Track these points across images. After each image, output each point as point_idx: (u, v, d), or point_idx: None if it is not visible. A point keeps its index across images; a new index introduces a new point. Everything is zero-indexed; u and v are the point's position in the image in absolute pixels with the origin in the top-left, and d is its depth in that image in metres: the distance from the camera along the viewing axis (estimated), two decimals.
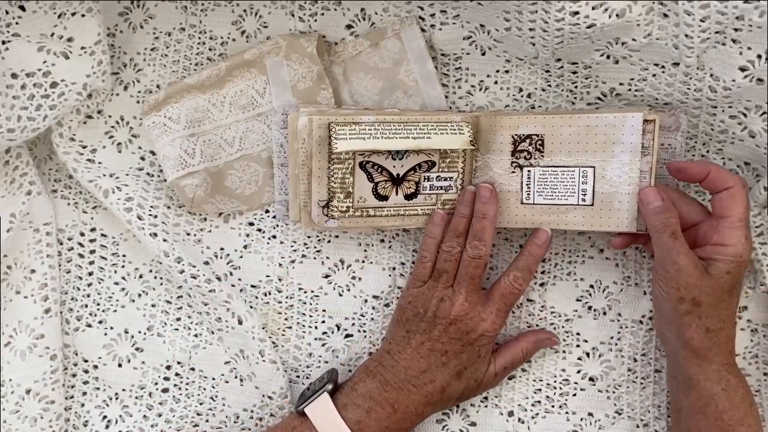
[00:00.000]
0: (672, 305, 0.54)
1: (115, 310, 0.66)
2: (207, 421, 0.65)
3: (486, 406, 0.64)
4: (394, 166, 0.60)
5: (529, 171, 0.60)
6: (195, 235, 0.66)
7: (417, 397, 0.58)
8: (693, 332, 0.54)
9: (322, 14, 0.64)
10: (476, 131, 0.61)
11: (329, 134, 0.59)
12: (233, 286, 0.66)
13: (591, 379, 0.64)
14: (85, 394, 0.66)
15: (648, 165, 0.57)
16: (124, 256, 0.66)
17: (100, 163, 0.66)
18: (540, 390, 0.64)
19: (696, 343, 0.54)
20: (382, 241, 0.65)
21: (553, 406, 0.64)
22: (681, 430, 0.57)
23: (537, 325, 0.64)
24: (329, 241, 0.65)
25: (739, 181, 0.55)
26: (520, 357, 0.61)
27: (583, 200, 0.59)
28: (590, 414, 0.64)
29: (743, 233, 0.54)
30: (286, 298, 0.66)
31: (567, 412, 0.64)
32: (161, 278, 0.66)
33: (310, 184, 0.60)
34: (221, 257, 0.66)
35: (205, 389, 0.65)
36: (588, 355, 0.64)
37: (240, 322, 0.62)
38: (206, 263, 0.66)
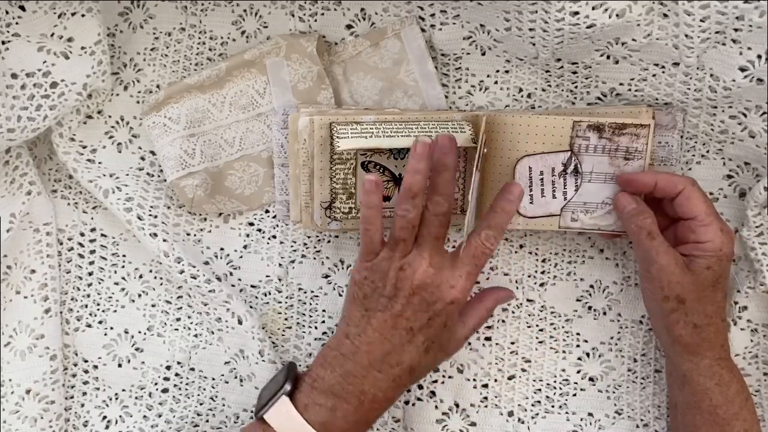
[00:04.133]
0: (658, 304, 0.55)
1: (115, 310, 0.66)
2: (207, 421, 0.65)
3: (486, 406, 0.64)
4: (396, 166, 0.60)
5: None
6: (195, 235, 0.66)
7: (384, 383, 0.52)
8: (681, 329, 0.54)
9: (322, 14, 0.64)
10: (477, 131, 0.61)
11: (331, 134, 0.59)
12: (233, 286, 0.66)
13: (591, 379, 0.64)
14: (85, 394, 0.66)
15: (641, 169, 0.58)
16: (124, 256, 0.66)
17: (100, 163, 0.66)
18: (540, 390, 0.64)
19: (685, 339, 0.55)
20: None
21: (553, 406, 0.64)
22: (678, 426, 0.57)
23: (537, 326, 0.64)
24: (329, 242, 0.65)
25: (688, 181, 0.55)
26: (485, 317, 0.58)
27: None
28: (590, 414, 0.64)
29: (717, 227, 0.54)
30: (286, 298, 0.66)
31: (567, 412, 0.64)
32: (161, 278, 0.66)
33: (312, 185, 0.60)
34: (221, 257, 0.66)
35: (205, 389, 0.65)
36: (588, 355, 0.64)
37: (240, 322, 0.62)
38: (206, 263, 0.66)
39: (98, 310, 0.66)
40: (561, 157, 0.59)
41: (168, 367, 0.66)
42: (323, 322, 0.65)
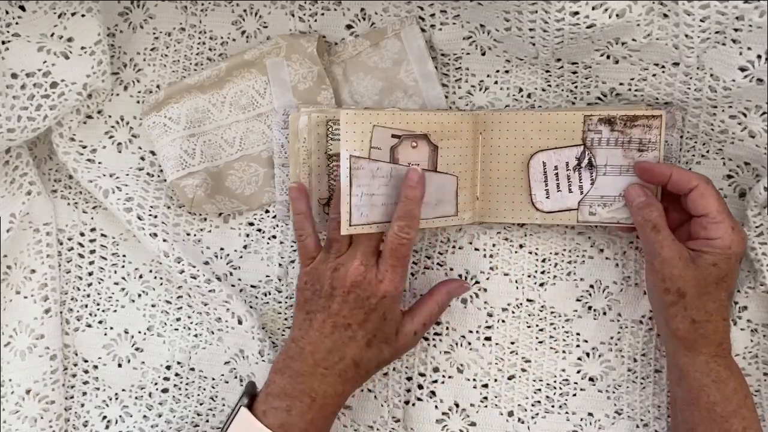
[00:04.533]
0: (659, 296, 0.55)
1: (115, 310, 0.66)
2: (207, 421, 0.65)
3: (486, 406, 0.64)
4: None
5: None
6: (195, 235, 0.66)
7: (331, 379, 0.55)
8: (679, 323, 0.55)
9: (322, 14, 0.64)
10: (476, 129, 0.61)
11: (327, 132, 0.59)
12: (233, 286, 0.66)
13: (591, 379, 0.64)
14: (85, 394, 0.66)
15: (655, 160, 0.58)
16: (124, 256, 0.66)
17: (100, 163, 0.66)
18: (540, 390, 0.64)
19: (682, 333, 0.55)
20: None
21: (553, 406, 0.64)
22: (678, 423, 0.57)
23: (537, 326, 0.64)
24: None
25: (702, 179, 0.55)
26: (436, 311, 0.59)
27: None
28: (590, 414, 0.64)
29: (729, 225, 0.54)
30: (286, 298, 0.66)
31: (567, 412, 0.64)
32: (161, 278, 0.66)
33: (311, 183, 0.60)
34: (221, 257, 0.66)
35: (205, 389, 0.65)
36: (588, 355, 0.64)
37: (240, 322, 0.62)
38: (206, 263, 0.66)
39: (98, 310, 0.66)
40: (574, 151, 0.59)
41: (168, 367, 0.66)
42: None
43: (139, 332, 0.66)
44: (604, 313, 0.64)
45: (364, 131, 0.56)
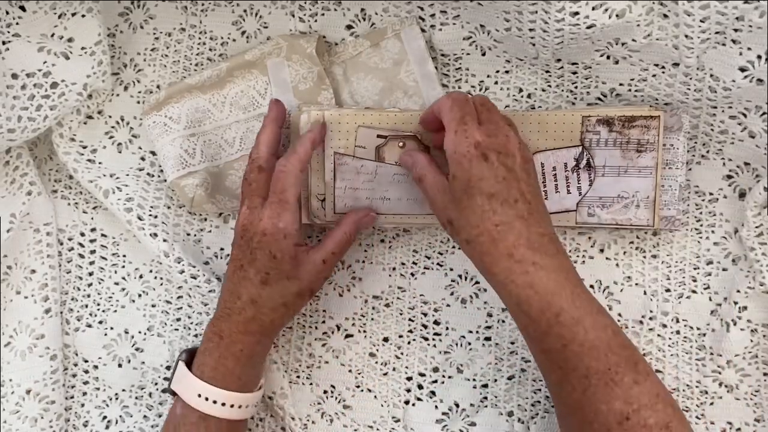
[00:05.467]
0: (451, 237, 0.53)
1: (115, 310, 0.66)
2: None
3: (486, 406, 0.64)
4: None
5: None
6: (195, 235, 0.66)
7: (235, 318, 0.57)
8: (463, 250, 0.51)
9: (322, 14, 0.64)
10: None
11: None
12: None
13: None
14: (85, 394, 0.66)
15: (653, 161, 0.58)
16: (124, 256, 0.66)
17: (100, 163, 0.66)
18: (540, 390, 0.64)
19: (470, 258, 0.51)
20: (383, 241, 0.65)
21: (552, 407, 0.64)
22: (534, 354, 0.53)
23: None
24: None
25: (441, 98, 0.53)
26: (344, 239, 0.58)
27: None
28: None
29: (452, 130, 0.51)
30: None
31: None
32: (161, 278, 0.66)
33: (309, 180, 0.60)
34: (221, 257, 0.66)
35: None
36: None
37: None
38: (206, 263, 0.66)
39: (98, 310, 0.66)
40: (573, 152, 0.59)
41: (168, 367, 0.66)
42: (323, 322, 0.65)
43: (139, 332, 0.66)
44: None
45: (349, 131, 0.58)
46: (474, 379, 0.64)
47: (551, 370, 0.51)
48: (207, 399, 0.55)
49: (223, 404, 0.56)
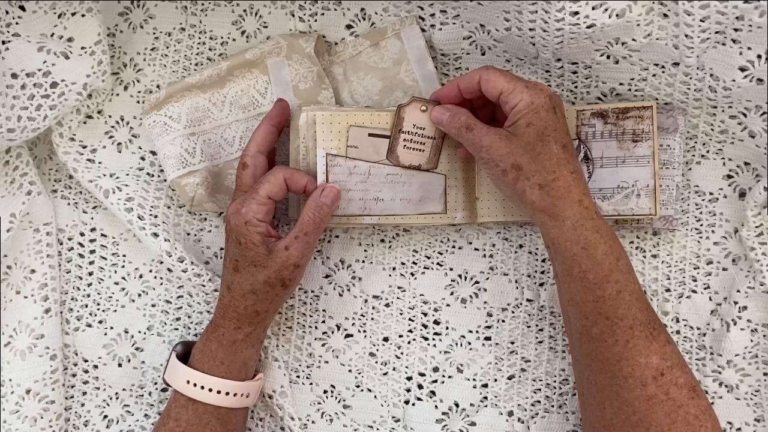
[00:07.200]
0: (504, 183, 0.54)
1: (115, 310, 0.66)
2: None
3: (486, 406, 0.64)
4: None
5: None
6: (195, 235, 0.66)
7: (219, 303, 0.60)
8: (530, 195, 0.53)
9: (322, 14, 0.64)
10: None
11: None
12: None
13: None
14: (85, 394, 0.66)
15: (650, 149, 0.58)
16: (124, 256, 0.66)
17: (100, 163, 0.66)
18: (540, 390, 0.64)
19: (538, 204, 0.53)
20: (383, 241, 0.65)
21: (552, 406, 0.64)
22: (560, 296, 0.56)
23: (536, 326, 0.64)
24: (329, 241, 0.65)
25: (481, 69, 0.56)
26: (307, 222, 0.58)
27: None
28: None
29: (522, 86, 0.54)
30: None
31: (567, 412, 0.64)
32: (161, 278, 0.66)
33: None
34: (221, 257, 0.66)
35: None
36: None
37: None
38: (206, 263, 0.66)
39: (98, 309, 0.66)
40: None
41: None
42: (323, 322, 0.65)
43: (139, 332, 0.66)
44: None
45: (341, 131, 0.58)
46: (474, 379, 0.64)
47: (597, 322, 0.53)
48: (195, 385, 0.58)
49: (210, 390, 0.58)
